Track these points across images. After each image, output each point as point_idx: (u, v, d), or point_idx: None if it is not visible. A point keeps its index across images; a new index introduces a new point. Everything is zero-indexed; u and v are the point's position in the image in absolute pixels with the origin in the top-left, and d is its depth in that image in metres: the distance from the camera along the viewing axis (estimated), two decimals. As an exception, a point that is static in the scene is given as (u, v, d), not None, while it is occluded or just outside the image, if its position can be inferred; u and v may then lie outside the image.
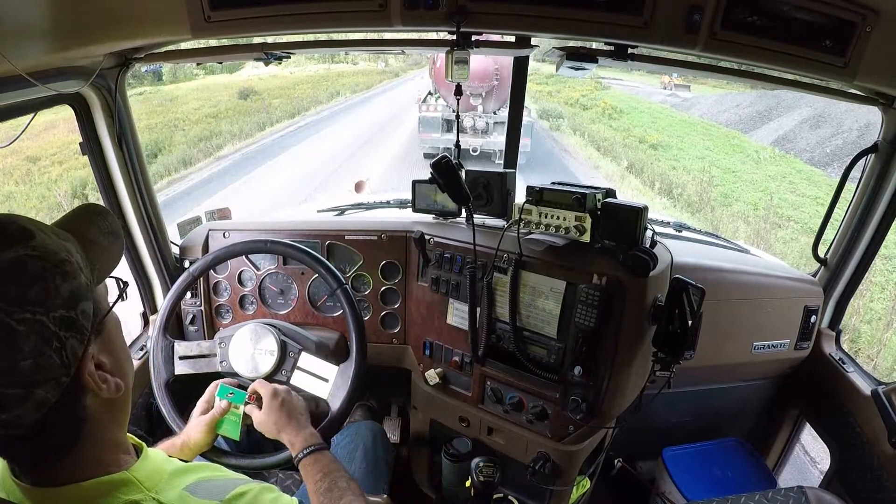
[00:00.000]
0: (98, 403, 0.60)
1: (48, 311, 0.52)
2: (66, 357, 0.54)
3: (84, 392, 0.58)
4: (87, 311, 0.57)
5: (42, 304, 0.52)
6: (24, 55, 0.96)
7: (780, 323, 1.61)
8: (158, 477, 0.65)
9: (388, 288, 1.57)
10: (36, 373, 0.52)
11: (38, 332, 0.51)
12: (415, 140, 10.82)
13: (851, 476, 1.52)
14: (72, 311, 0.55)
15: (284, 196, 8.58)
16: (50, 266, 0.54)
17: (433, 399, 1.52)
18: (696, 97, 21.07)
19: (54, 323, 0.53)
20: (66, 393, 0.55)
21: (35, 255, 0.53)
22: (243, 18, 1.20)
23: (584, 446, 1.32)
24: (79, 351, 0.56)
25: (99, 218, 0.67)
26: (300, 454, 1.04)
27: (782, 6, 1.08)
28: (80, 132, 1.40)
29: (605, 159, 12.60)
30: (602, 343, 1.19)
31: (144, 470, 0.64)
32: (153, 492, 0.62)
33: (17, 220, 0.56)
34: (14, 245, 0.53)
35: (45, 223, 0.61)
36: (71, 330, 0.54)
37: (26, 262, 0.52)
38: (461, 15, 1.13)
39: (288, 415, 1.12)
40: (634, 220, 1.14)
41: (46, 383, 0.53)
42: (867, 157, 1.45)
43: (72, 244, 0.59)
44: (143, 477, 0.63)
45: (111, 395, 0.60)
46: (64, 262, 0.56)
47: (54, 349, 0.53)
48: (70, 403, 0.57)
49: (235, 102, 18.13)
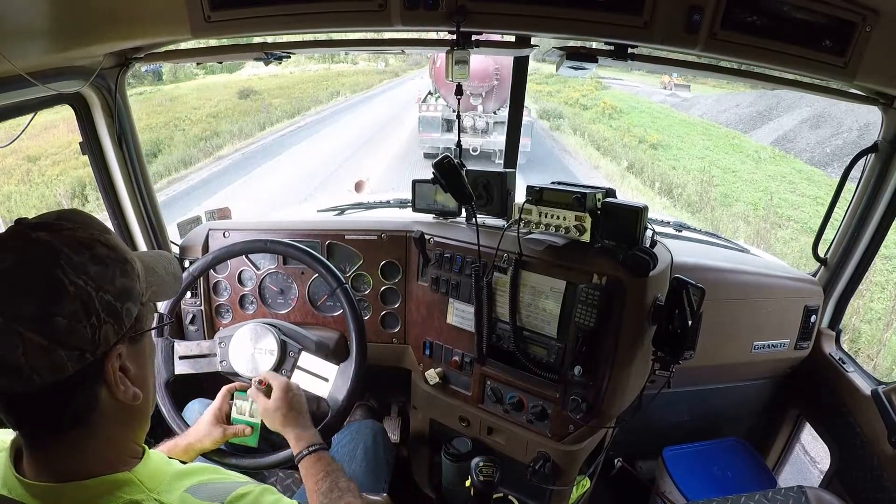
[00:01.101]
0: (112, 402, 0.61)
1: (100, 289, 0.57)
2: (98, 338, 0.57)
3: (101, 382, 0.59)
4: (132, 313, 0.61)
5: (98, 281, 0.57)
6: (24, 55, 0.96)
7: (780, 323, 1.61)
8: (160, 478, 0.65)
9: (388, 288, 1.57)
10: (66, 334, 0.54)
11: (84, 300, 0.55)
12: (415, 140, 10.83)
13: (851, 476, 1.52)
14: (118, 302, 0.59)
15: (284, 196, 8.59)
16: (115, 257, 0.60)
17: (433, 399, 1.52)
18: (696, 97, 21.07)
19: (100, 302, 0.57)
20: (86, 371, 0.57)
21: (106, 244, 0.60)
22: (243, 18, 1.20)
23: (584, 446, 1.32)
24: (111, 339, 0.58)
25: (165, 260, 0.75)
26: (303, 452, 1.05)
27: (782, 6, 1.08)
28: (80, 132, 1.41)
29: (604, 159, 12.60)
30: (602, 343, 1.19)
31: (146, 471, 0.64)
32: (154, 493, 0.62)
33: (99, 221, 0.63)
34: (91, 229, 0.60)
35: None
36: (111, 317, 0.58)
37: (96, 245, 0.58)
38: (461, 15, 1.13)
39: (297, 411, 1.13)
40: (634, 220, 1.14)
41: (71, 349, 0.55)
42: (867, 157, 1.45)
43: (137, 262, 0.65)
44: (144, 477, 0.63)
45: (126, 400, 0.61)
46: (128, 261, 0.62)
47: (91, 324, 0.56)
48: (86, 384, 0.58)
49: (235, 102, 18.12)
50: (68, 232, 0.57)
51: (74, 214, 0.62)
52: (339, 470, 1.02)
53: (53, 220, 0.58)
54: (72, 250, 0.56)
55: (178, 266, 0.77)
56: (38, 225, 0.57)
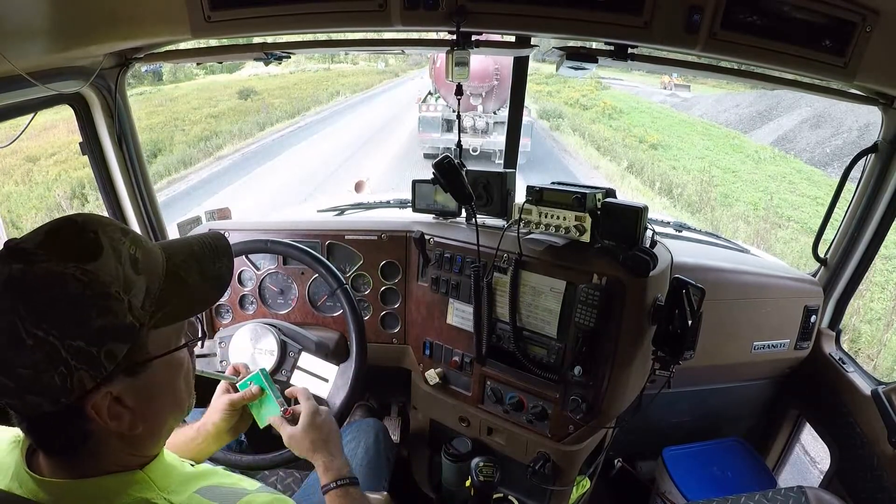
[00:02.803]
0: (106, 431, 0.57)
1: (65, 337, 0.51)
2: (70, 384, 0.52)
3: (86, 418, 0.55)
4: (116, 353, 0.54)
5: (62, 328, 0.51)
6: (24, 55, 0.96)
7: (780, 323, 1.61)
8: (172, 478, 0.64)
9: (388, 288, 1.57)
10: (32, 382, 0.51)
11: (46, 352, 0.50)
12: (415, 140, 10.83)
13: (851, 476, 1.52)
14: (94, 346, 0.52)
15: (284, 196, 8.59)
16: (91, 295, 0.52)
17: (433, 399, 1.52)
18: (696, 97, 21.07)
19: (67, 350, 0.51)
20: (65, 411, 0.54)
21: (82, 279, 0.52)
22: (243, 18, 1.20)
23: (584, 446, 1.32)
24: (88, 384, 0.53)
25: (212, 255, 0.66)
26: (332, 485, 0.96)
27: (782, 6, 1.08)
28: (80, 132, 1.41)
29: (604, 159, 12.60)
30: (602, 343, 1.19)
31: (158, 470, 0.64)
32: (165, 492, 0.61)
33: (97, 228, 0.55)
34: (67, 260, 0.52)
35: (142, 238, 0.60)
36: (85, 363, 0.52)
37: (68, 282, 0.51)
38: (461, 15, 1.13)
39: (326, 438, 1.02)
40: (634, 220, 1.14)
41: (41, 395, 0.51)
42: (867, 157, 1.45)
43: (146, 278, 0.58)
44: (156, 477, 0.62)
45: (122, 431, 0.58)
46: (110, 296, 0.53)
47: (59, 373, 0.51)
48: (70, 420, 0.55)
49: (235, 102, 18.12)
50: (43, 264, 0.51)
51: (64, 233, 0.54)
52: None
53: (35, 246, 0.52)
54: (37, 292, 0.50)
55: (229, 261, 0.68)
56: (16, 252, 0.52)
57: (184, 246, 0.66)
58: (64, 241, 0.53)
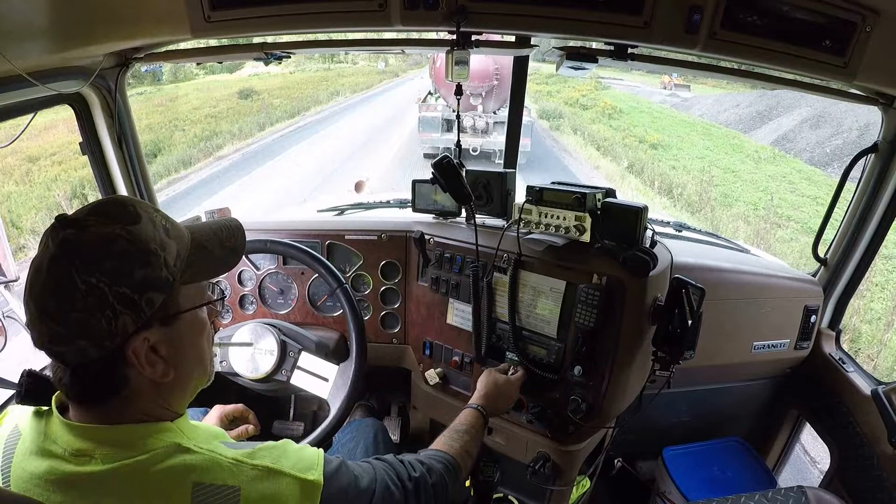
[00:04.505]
0: (142, 378, 0.65)
1: (113, 284, 0.60)
2: (115, 327, 0.60)
3: (126, 364, 0.63)
4: (154, 301, 0.64)
5: (111, 276, 0.60)
6: (24, 55, 0.96)
7: (780, 323, 1.61)
8: (198, 432, 0.70)
9: (388, 288, 1.57)
10: (82, 327, 0.59)
11: (97, 296, 0.59)
12: (415, 140, 10.82)
13: (851, 476, 1.52)
14: (136, 293, 0.62)
15: (284, 196, 8.58)
16: (135, 251, 0.62)
17: (433, 399, 1.52)
18: (696, 97, 21.06)
19: (114, 296, 0.60)
20: (108, 356, 0.62)
21: (127, 237, 0.62)
22: (243, 18, 1.20)
23: (584, 446, 1.32)
24: (129, 328, 0.62)
25: (228, 233, 0.77)
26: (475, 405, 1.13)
27: (782, 6, 1.08)
28: (80, 132, 1.41)
29: (604, 159, 12.59)
30: (602, 343, 1.19)
31: (186, 425, 0.70)
32: (193, 441, 0.66)
33: (135, 205, 0.65)
34: (115, 223, 0.62)
35: (166, 215, 0.70)
36: (129, 308, 0.61)
37: (115, 239, 0.61)
38: (461, 15, 1.13)
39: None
40: (634, 220, 1.14)
41: (89, 339, 0.60)
42: (867, 157, 1.45)
43: (176, 243, 0.68)
44: (185, 429, 0.69)
45: (156, 378, 0.66)
46: (150, 252, 0.63)
47: (105, 316, 0.60)
48: (112, 366, 0.63)
49: (235, 102, 18.10)
50: (93, 227, 0.61)
51: (108, 206, 0.65)
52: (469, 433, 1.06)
53: (85, 215, 0.62)
54: (89, 248, 0.60)
55: (241, 237, 0.79)
56: (69, 222, 0.61)
57: (204, 225, 0.77)
58: (109, 211, 0.64)
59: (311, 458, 0.72)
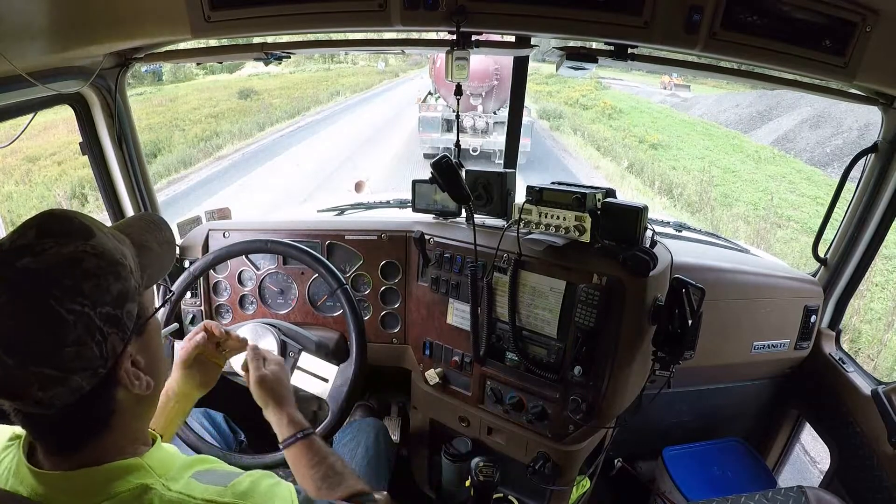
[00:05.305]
0: (128, 398, 0.63)
1: (96, 306, 0.56)
2: (106, 351, 0.57)
3: (117, 385, 0.61)
4: (132, 312, 0.61)
5: (92, 298, 0.56)
6: (24, 55, 0.96)
7: (780, 323, 1.61)
8: (169, 465, 0.67)
9: (388, 288, 1.57)
10: (76, 360, 0.55)
11: (85, 323, 0.55)
12: (415, 140, 10.82)
13: (851, 476, 1.52)
14: (118, 309, 0.59)
15: (284, 196, 8.58)
16: (105, 265, 0.58)
17: (433, 399, 1.52)
18: (696, 97, 21.06)
19: (100, 318, 0.56)
20: (101, 384, 0.58)
21: (93, 252, 0.57)
22: (243, 18, 1.20)
23: (584, 446, 1.32)
24: (118, 347, 0.59)
25: (155, 227, 0.73)
26: (297, 435, 0.98)
27: (782, 6, 1.08)
28: (80, 132, 1.41)
29: (605, 159, 12.59)
30: (602, 343, 1.19)
31: (156, 458, 0.66)
32: (163, 478, 0.64)
33: (78, 217, 0.60)
34: (74, 241, 0.57)
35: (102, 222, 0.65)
36: (114, 327, 0.58)
37: (83, 258, 0.56)
38: (461, 15, 1.13)
39: (288, 389, 1.05)
40: (634, 220, 1.14)
41: (84, 371, 0.56)
42: (867, 157, 1.45)
43: (127, 248, 0.64)
44: (154, 464, 0.65)
45: (141, 392, 0.64)
46: (118, 263, 0.60)
47: (96, 342, 0.56)
48: (103, 394, 0.60)
49: (235, 102, 18.10)
50: (52, 251, 0.55)
51: (53, 224, 0.57)
52: (332, 454, 0.97)
53: (34, 241, 0.55)
54: (60, 273, 0.54)
55: (170, 230, 0.75)
56: (19, 250, 0.54)
57: (131, 224, 0.72)
58: (58, 229, 0.57)
59: (284, 497, 0.70)
